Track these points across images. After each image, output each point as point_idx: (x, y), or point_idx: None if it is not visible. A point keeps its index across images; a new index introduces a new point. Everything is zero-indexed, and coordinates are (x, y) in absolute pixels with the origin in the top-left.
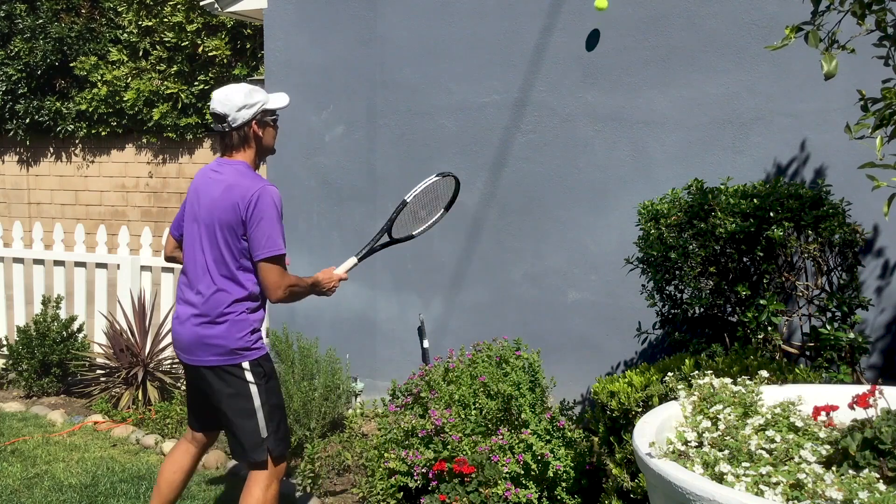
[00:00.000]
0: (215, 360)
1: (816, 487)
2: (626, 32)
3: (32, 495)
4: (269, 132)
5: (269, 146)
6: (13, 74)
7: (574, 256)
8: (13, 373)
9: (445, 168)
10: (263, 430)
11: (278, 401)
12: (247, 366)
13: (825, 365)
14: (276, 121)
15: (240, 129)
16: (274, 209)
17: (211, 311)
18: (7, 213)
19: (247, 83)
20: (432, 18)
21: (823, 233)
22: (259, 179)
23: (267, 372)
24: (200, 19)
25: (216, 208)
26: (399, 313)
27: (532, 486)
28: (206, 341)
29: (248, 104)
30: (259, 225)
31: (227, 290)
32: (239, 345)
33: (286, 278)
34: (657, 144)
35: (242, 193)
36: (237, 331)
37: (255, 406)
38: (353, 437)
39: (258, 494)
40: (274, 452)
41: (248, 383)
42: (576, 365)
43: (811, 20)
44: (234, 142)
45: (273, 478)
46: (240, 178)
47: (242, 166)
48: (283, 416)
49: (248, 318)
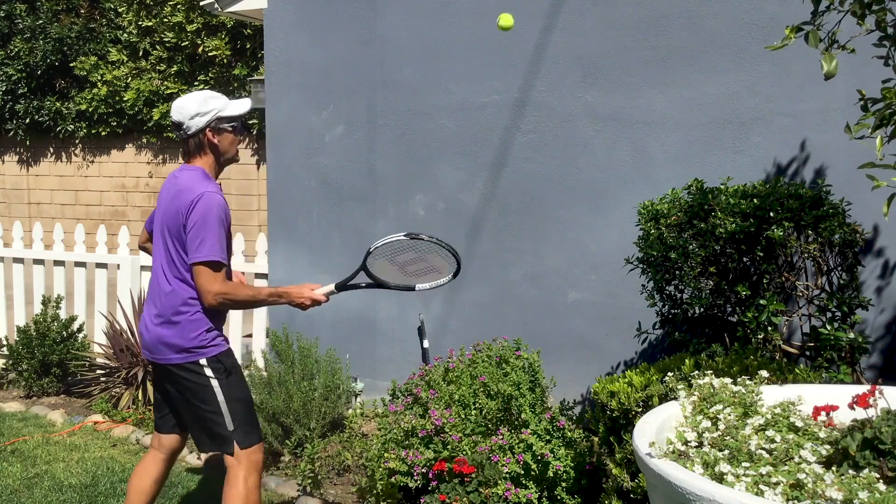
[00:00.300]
0: (174, 357)
1: (816, 487)
2: (626, 32)
3: (32, 495)
4: (225, 138)
5: (228, 153)
6: (13, 74)
7: (574, 256)
8: (13, 373)
9: (445, 168)
10: (229, 423)
11: (242, 395)
12: (205, 362)
13: (825, 365)
14: (236, 127)
15: (194, 136)
16: (212, 215)
17: (166, 312)
18: (7, 213)
19: (210, 90)
20: (432, 18)
21: (823, 233)
22: (206, 185)
23: (227, 367)
24: (200, 19)
25: (167, 213)
26: (399, 313)
27: (532, 486)
28: (164, 340)
29: (202, 112)
30: (194, 229)
31: (179, 291)
32: (194, 343)
33: (218, 285)
34: (657, 144)
35: (185, 198)
36: (191, 330)
37: (218, 401)
38: (353, 437)
39: (239, 486)
40: (242, 445)
41: (209, 378)
42: (576, 365)
43: (811, 20)
44: (191, 148)
45: (250, 469)
46: (190, 184)
47: (199, 172)
48: (250, 410)
49: (202, 318)
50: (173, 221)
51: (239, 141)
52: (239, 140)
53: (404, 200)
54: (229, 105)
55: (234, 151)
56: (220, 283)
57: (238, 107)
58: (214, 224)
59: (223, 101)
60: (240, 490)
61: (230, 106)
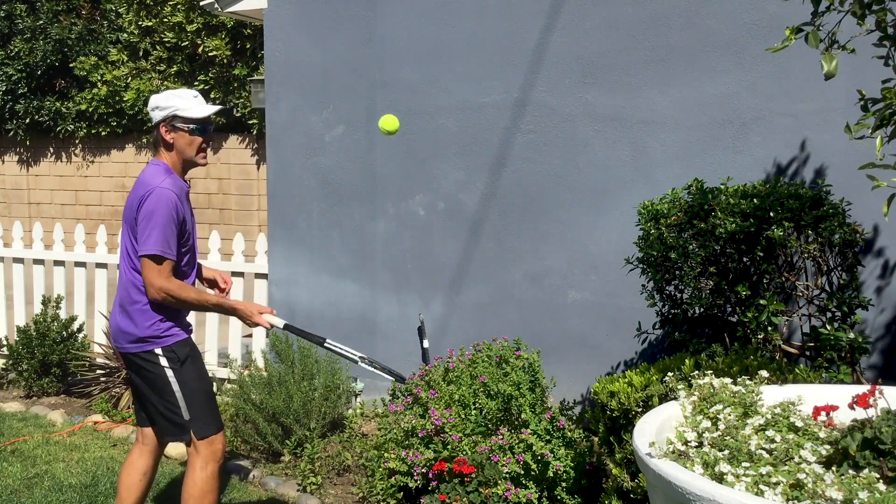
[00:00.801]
0: (130, 346)
1: (816, 487)
2: (626, 32)
3: (32, 495)
4: (181, 138)
5: (185, 153)
6: (13, 74)
7: (574, 256)
8: (13, 373)
9: (445, 168)
10: (185, 412)
11: (199, 385)
12: (160, 351)
13: (825, 365)
14: (193, 130)
15: (154, 128)
16: (161, 209)
17: (123, 301)
18: (7, 213)
19: (186, 89)
20: (432, 18)
21: (823, 233)
22: (160, 180)
23: (181, 357)
24: (200, 19)
25: (127, 205)
26: (399, 313)
27: (532, 486)
28: (122, 329)
29: (161, 106)
30: (142, 222)
31: (134, 281)
32: (147, 333)
33: (161, 280)
34: (657, 144)
35: (138, 192)
36: (145, 320)
37: (173, 389)
38: (353, 437)
39: (197, 475)
40: (199, 434)
41: (164, 368)
42: (576, 365)
43: (811, 21)
44: (154, 140)
45: (209, 458)
46: (147, 178)
47: (162, 167)
48: (208, 399)
49: (156, 308)
50: (129, 213)
51: (200, 144)
52: (199, 143)
53: (404, 200)
54: (192, 107)
55: (192, 153)
56: (164, 279)
57: (198, 110)
58: (161, 218)
59: (189, 102)
60: (196, 478)
61: (192, 108)
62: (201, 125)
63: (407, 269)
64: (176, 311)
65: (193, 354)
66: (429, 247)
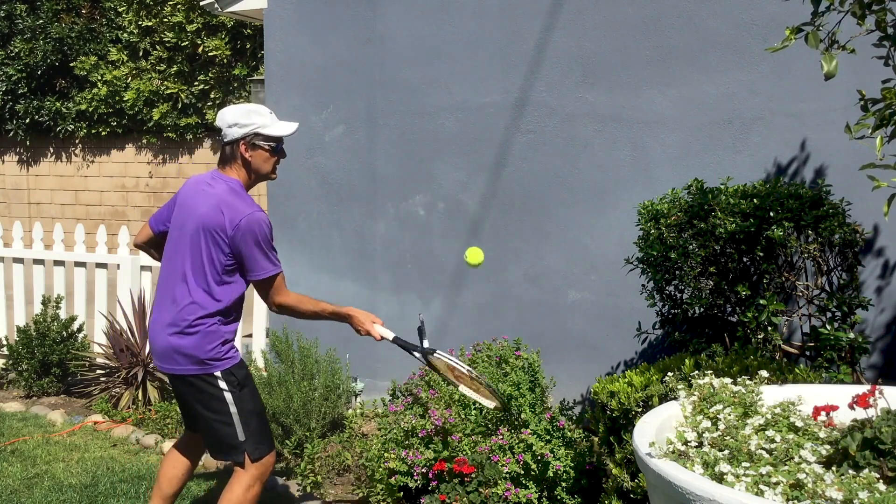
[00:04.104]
0: (188, 369)
1: (816, 487)
2: (626, 32)
3: (32, 495)
4: (259, 155)
5: (261, 170)
6: (13, 74)
7: (574, 256)
8: (13, 373)
9: (445, 168)
10: (241, 433)
11: (255, 406)
12: (219, 374)
13: (825, 365)
14: (274, 148)
15: (229, 144)
16: (266, 233)
17: (182, 322)
18: (7, 213)
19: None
20: (432, 18)
21: (823, 233)
22: (250, 204)
23: (240, 380)
24: (200, 19)
25: (205, 222)
26: (399, 313)
27: (532, 486)
28: (179, 351)
29: (241, 123)
30: (249, 248)
31: (201, 302)
32: (210, 356)
33: (282, 297)
34: (657, 144)
35: (232, 216)
36: (208, 342)
37: (230, 412)
38: (353, 437)
39: (238, 493)
40: (252, 455)
41: (223, 391)
42: (576, 365)
43: (811, 21)
44: (226, 155)
45: (256, 479)
46: (231, 198)
47: (236, 184)
48: (262, 421)
49: (219, 330)
50: (214, 232)
51: (276, 161)
52: (275, 160)
53: (404, 200)
54: (273, 125)
55: (268, 170)
56: (283, 295)
57: (281, 129)
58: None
59: (268, 119)
60: (239, 497)
61: (273, 126)
62: (279, 142)
63: (407, 269)
64: (233, 332)
65: (249, 376)
66: (429, 247)
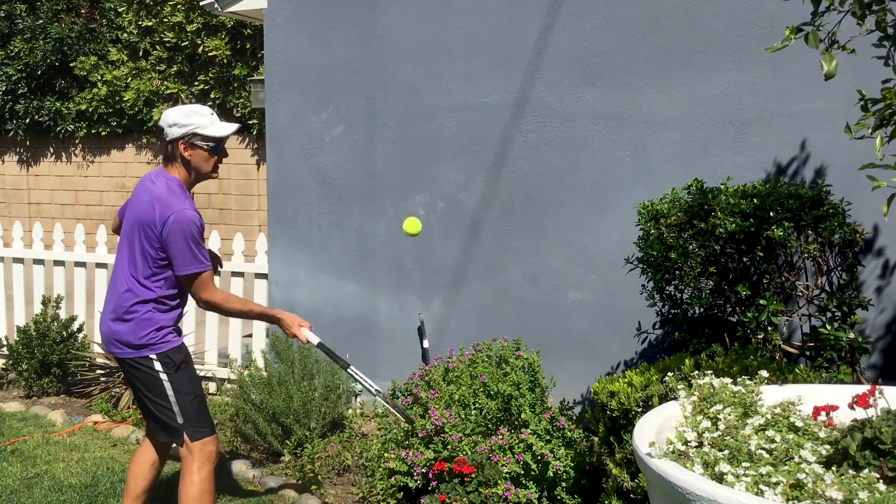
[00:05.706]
0: (126, 352)
1: (816, 487)
2: (626, 32)
3: (32, 495)
4: (198, 155)
5: (201, 169)
6: (13, 74)
7: (574, 256)
8: (13, 373)
9: (445, 168)
10: (179, 416)
11: (192, 389)
12: (154, 357)
13: (825, 365)
14: (213, 148)
15: (171, 143)
16: (192, 231)
17: (120, 309)
18: (7, 213)
19: (202, 106)
20: (432, 18)
21: (823, 233)
22: (181, 201)
23: (177, 363)
24: (200, 19)
25: (140, 217)
26: (399, 313)
27: (532, 486)
28: (115, 336)
29: (180, 123)
30: (175, 244)
31: (135, 291)
32: (143, 341)
33: (208, 294)
34: (657, 144)
35: (162, 212)
36: (142, 329)
37: (167, 394)
38: (353, 437)
39: (194, 477)
40: (192, 437)
41: (158, 373)
42: (576, 365)
43: (811, 21)
44: (168, 154)
45: (203, 461)
46: (165, 195)
47: (174, 183)
48: (201, 404)
49: (154, 317)
50: (147, 227)
51: (216, 160)
52: (215, 159)
53: (404, 200)
54: (212, 125)
55: (208, 169)
56: (210, 292)
57: (219, 129)
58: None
59: (207, 119)
60: (193, 480)
61: (212, 126)
62: (219, 143)
63: (407, 269)
64: (171, 319)
65: (187, 360)
66: (429, 247)
